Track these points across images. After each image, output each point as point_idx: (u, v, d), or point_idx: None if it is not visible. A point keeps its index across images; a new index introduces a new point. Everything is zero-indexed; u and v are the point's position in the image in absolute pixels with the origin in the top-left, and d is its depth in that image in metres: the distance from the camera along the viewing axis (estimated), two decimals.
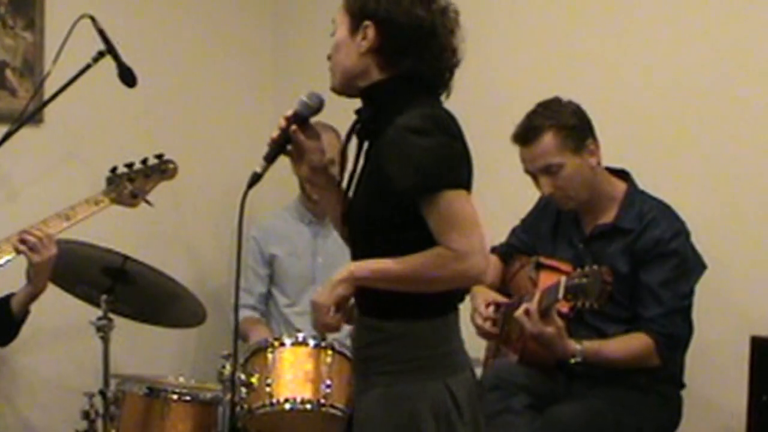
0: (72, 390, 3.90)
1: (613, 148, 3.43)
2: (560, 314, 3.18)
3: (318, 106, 2.52)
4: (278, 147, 2.52)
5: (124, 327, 3.73)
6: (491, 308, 3.49)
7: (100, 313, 3.57)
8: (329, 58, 2.49)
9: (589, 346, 3.22)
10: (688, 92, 3.72)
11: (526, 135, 3.31)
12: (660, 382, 3.34)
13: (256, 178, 2.48)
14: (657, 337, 3.24)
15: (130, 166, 3.41)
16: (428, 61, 2.42)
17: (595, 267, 3.08)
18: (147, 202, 3.44)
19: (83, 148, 4.26)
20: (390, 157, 2.35)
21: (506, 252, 3.68)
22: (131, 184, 3.42)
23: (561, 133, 3.27)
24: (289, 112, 2.51)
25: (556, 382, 3.37)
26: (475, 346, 3.49)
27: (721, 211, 3.66)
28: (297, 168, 2.61)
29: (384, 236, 2.40)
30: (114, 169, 3.42)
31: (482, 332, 3.51)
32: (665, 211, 3.34)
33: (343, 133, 2.56)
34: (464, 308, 2.56)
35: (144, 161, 3.44)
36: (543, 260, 3.42)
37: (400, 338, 2.43)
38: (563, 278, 3.14)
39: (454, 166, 2.35)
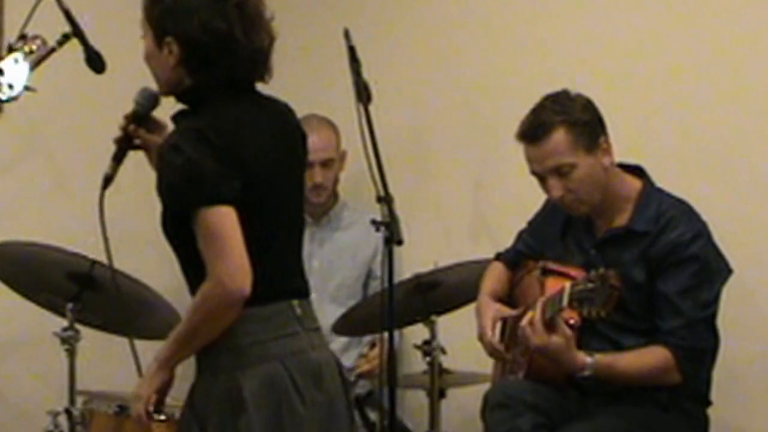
0: (34, 408, 3.86)
1: (628, 142, 3.37)
2: (569, 325, 3.09)
3: (150, 102, 2.66)
4: (123, 146, 2.69)
5: (91, 339, 3.71)
6: (498, 327, 3.41)
7: (65, 323, 3.56)
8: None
9: (600, 359, 3.13)
10: (707, 83, 3.68)
11: (534, 132, 3.21)
12: (683, 399, 3.23)
13: (107, 180, 2.67)
14: (677, 350, 3.14)
15: None
16: (237, 63, 2.52)
17: (602, 271, 2.98)
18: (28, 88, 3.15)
19: (46, 142, 4.20)
20: (156, 172, 2.53)
21: (513, 259, 3.58)
22: None
23: (573, 129, 3.18)
24: (129, 111, 2.68)
25: (568, 399, 3.27)
26: (481, 361, 3.53)
27: (749, 209, 3.57)
28: (152, 162, 2.70)
29: (181, 250, 2.53)
30: None
31: (492, 354, 3.45)
32: (684, 211, 3.24)
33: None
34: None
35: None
36: (550, 265, 3.33)
37: None
38: (567, 285, 3.06)
39: (204, 182, 2.43)
